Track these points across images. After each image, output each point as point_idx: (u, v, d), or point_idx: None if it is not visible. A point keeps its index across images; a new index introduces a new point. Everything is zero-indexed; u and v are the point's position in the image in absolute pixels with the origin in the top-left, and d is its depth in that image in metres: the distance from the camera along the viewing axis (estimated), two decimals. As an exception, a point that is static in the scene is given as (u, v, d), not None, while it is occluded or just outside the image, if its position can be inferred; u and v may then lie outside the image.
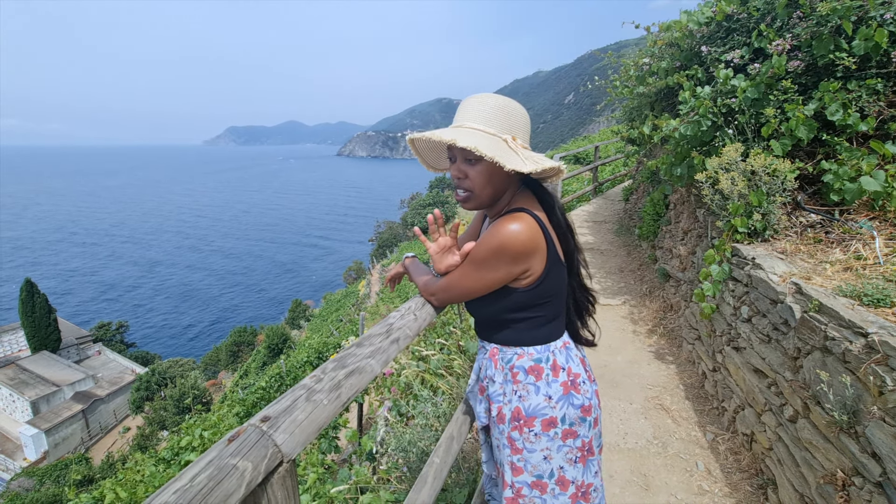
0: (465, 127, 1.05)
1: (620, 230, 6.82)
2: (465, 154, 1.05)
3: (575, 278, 1.22)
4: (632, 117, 5.61)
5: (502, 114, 1.05)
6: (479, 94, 1.09)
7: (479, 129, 1.04)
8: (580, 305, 1.26)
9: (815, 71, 2.81)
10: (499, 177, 1.08)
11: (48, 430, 25.19)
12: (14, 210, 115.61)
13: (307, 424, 0.74)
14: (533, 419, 1.11)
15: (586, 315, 1.28)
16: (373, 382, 4.65)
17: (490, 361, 1.20)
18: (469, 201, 1.11)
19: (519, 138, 1.07)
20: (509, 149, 1.03)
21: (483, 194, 1.09)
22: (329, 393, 0.82)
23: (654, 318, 4.03)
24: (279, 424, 0.71)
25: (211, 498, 0.56)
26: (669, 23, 3.88)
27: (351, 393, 0.87)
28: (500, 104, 1.06)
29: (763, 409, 2.21)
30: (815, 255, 2.34)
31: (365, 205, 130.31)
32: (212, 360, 32.91)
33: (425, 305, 1.25)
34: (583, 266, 1.24)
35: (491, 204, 1.13)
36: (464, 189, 1.09)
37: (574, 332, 1.26)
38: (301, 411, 0.75)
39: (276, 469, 0.67)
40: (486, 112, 1.05)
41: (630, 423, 2.71)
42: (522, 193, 1.15)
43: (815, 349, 1.78)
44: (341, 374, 0.87)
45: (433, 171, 1.30)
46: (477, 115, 1.05)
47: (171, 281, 59.97)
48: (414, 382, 3.45)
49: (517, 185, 1.16)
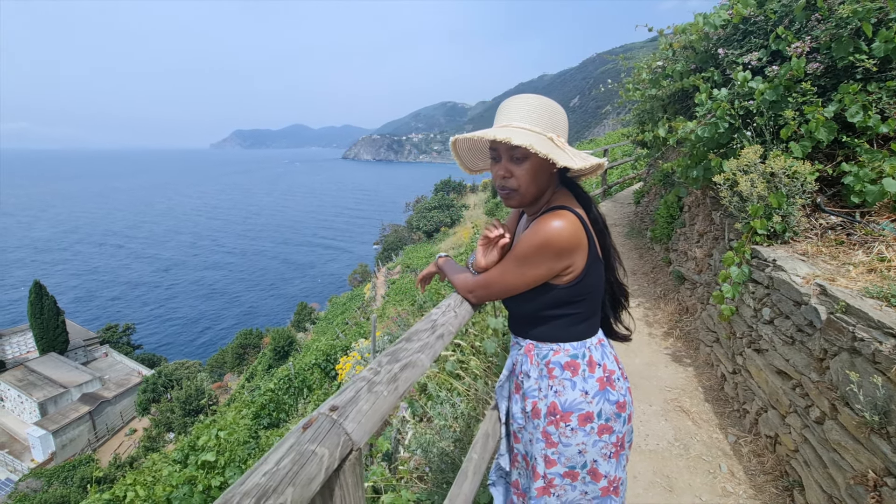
0: (512, 126, 1.07)
1: (631, 233, 6.82)
2: (512, 153, 1.07)
3: (612, 273, 1.24)
4: (643, 120, 5.62)
5: (546, 113, 1.08)
6: (521, 95, 1.11)
7: (526, 127, 1.06)
8: (616, 300, 1.28)
9: (834, 73, 2.82)
10: (543, 175, 1.11)
11: (55, 431, 25.36)
12: (27, 212, 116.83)
13: (371, 414, 0.76)
14: (569, 414, 1.13)
15: (621, 309, 1.30)
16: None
17: (525, 357, 1.21)
18: (513, 199, 1.13)
19: (562, 136, 1.10)
20: (556, 146, 1.06)
21: (528, 192, 1.11)
22: (388, 385, 0.84)
23: (670, 320, 4.03)
24: (347, 413, 0.73)
25: (297, 480, 0.58)
26: (684, 25, 3.89)
27: (406, 386, 0.88)
28: (545, 103, 1.09)
29: (788, 410, 2.20)
30: (838, 257, 2.34)
31: (370, 208, 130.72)
32: (217, 363, 33.03)
33: (463, 303, 1.26)
34: (618, 262, 1.25)
35: (533, 202, 1.16)
36: (508, 188, 1.11)
37: (608, 328, 1.28)
38: (365, 401, 0.77)
39: (348, 456, 0.69)
40: (532, 111, 1.07)
41: (651, 425, 2.71)
42: (561, 192, 1.17)
43: (843, 350, 1.78)
44: (396, 367, 0.89)
45: (469, 173, 1.32)
46: (523, 115, 1.07)
47: (179, 283, 60.35)
48: (430, 383, 3.46)
49: (556, 183, 1.18)
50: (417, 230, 33.64)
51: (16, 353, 32.50)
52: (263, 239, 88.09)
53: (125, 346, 38.01)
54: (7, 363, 30.37)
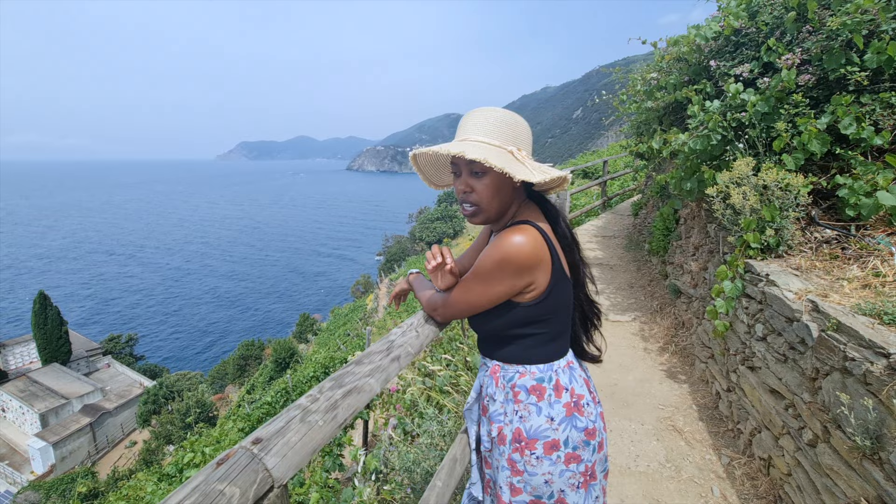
0: (470, 140, 1.04)
1: (630, 245, 6.75)
2: (471, 167, 1.04)
3: (581, 291, 1.19)
4: (640, 132, 5.59)
5: (506, 126, 1.05)
6: (482, 108, 1.08)
7: (484, 141, 1.03)
8: (586, 318, 1.23)
9: (826, 85, 2.78)
10: (505, 189, 1.07)
11: (56, 443, 25.24)
12: (41, 222, 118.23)
13: (301, 447, 0.71)
14: (535, 441, 1.07)
15: (592, 329, 1.25)
16: (378, 398, 4.59)
17: (491, 379, 1.16)
18: (477, 215, 1.09)
19: (523, 150, 1.06)
20: (516, 160, 1.02)
21: (490, 207, 1.07)
22: (325, 413, 0.79)
23: (666, 335, 3.95)
24: (271, 447, 0.68)
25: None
26: (677, 38, 3.88)
27: (348, 413, 0.83)
28: (504, 117, 1.06)
29: (781, 432, 2.12)
30: (832, 271, 2.27)
31: (374, 218, 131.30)
32: (219, 374, 32.93)
33: (428, 321, 1.22)
34: (588, 279, 1.21)
35: (498, 217, 1.12)
36: (470, 203, 1.08)
37: (579, 348, 1.22)
38: (295, 433, 0.72)
39: (266, 495, 0.64)
40: (491, 125, 1.04)
41: (642, 445, 2.62)
42: (527, 206, 1.13)
43: (835, 370, 1.71)
44: (338, 394, 0.84)
45: (434, 188, 1.28)
46: (482, 128, 1.04)
47: (186, 293, 60.53)
48: (419, 400, 3.39)
49: (522, 197, 1.15)
50: (420, 241, 33.65)
51: (18, 364, 32.54)
52: (269, 249, 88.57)
53: (128, 356, 38.01)
54: (9, 374, 30.40)
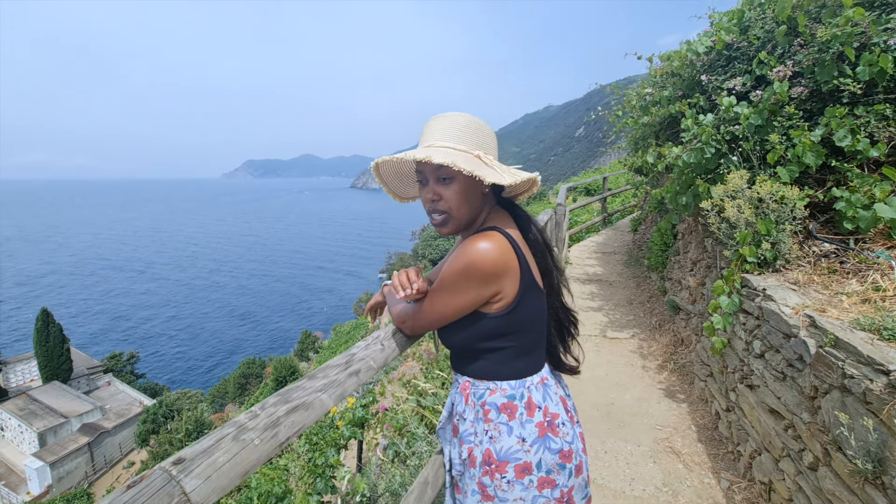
0: (434, 146, 1.00)
1: (630, 261, 6.68)
2: (438, 173, 1.00)
3: (556, 299, 1.13)
4: (637, 147, 5.59)
5: (470, 130, 1.01)
6: (445, 113, 1.04)
7: (450, 146, 1.00)
8: (563, 328, 1.17)
9: (819, 97, 2.75)
10: (474, 194, 1.03)
11: (53, 462, 24.92)
12: (46, 240, 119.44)
13: (229, 468, 0.65)
14: (505, 464, 0.99)
15: (569, 338, 1.18)
16: (374, 417, 4.47)
17: (461, 396, 1.10)
18: (446, 224, 1.04)
19: (490, 154, 1.02)
20: (484, 164, 0.99)
21: (460, 215, 1.03)
22: (263, 431, 0.73)
23: (665, 352, 3.85)
24: (193, 468, 0.62)
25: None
26: (669, 53, 3.89)
27: (291, 432, 0.77)
28: (469, 121, 1.03)
29: (781, 454, 2.02)
30: (830, 286, 2.20)
31: (378, 235, 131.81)
32: (220, 392, 32.63)
33: (396, 334, 1.16)
34: (563, 286, 1.15)
35: (468, 225, 1.07)
36: (439, 212, 1.03)
37: (556, 360, 1.16)
38: (224, 452, 0.66)
39: (179, 523, 0.58)
40: (455, 129, 1.01)
41: (637, 468, 2.51)
42: (496, 213, 1.09)
43: (834, 388, 1.63)
44: (282, 411, 0.78)
45: (400, 201, 1.24)
46: (446, 133, 1.01)
47: (192, 310, 60.54)
48: (411, 419, 3.30)
49: (492, 203, 1.10)
50: (423, 258, 33.62)
51: (19, 381, 32.41)
52: (274, 266, 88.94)
53: (128, 374, 37.82)
54: (10, 391, 30.24)
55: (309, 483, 4.54)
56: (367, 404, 3.24)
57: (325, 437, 4.00)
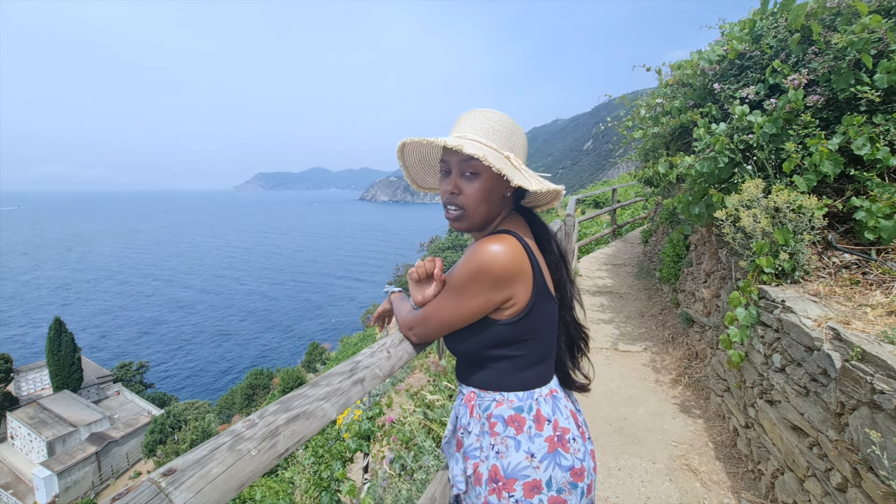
0: (466, 138, 0.97)
1: (640, 273, 6.58)
2: (463, 167, 0.96)
3: (567, 312, 1.08)
4: (648, 158, 5.54)
5: (505, 130, 0.98)
6: (481, 108, 1.01)
7: (481, 142, 0.96)
8: (573, 343, 1.11)
9: (836, 105, 2.70)
10: (495, 196, 0.99)
11: (61, 472, 24.94)
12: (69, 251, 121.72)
13: (223, 480, 0.61)
14: (513, 481, 0.94)
15: (579, 354, 1.13)
16: (380, 430, 4.39)
17: (466, 408, 1.05)
18: (461, 220, 1.00)
19: (519, 157, 0.99)
20: (513, 166, 0.95)
21: (476, 213, 0.99)
22: (261, 442, 0.69)
23: (679, 366, 3.74)
24: (184, 480, 0.58)
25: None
26: (680, 62, 3.86)
27: (291, 442, 0.73)
28: (504, 120, 0.99)
29: (806, 473, 1.92)
30: (853, 297, 2.13)
31: (387, 247, 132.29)
32: (227, 403, 32.58)
33: (403, 342, 1.12)
34: (576, 300, 1.10)
35: (482, 227, 1.03)
36: (456, 206, 0.99)
37: (564, 375, 1.10)
38: (218, 464, 0.62)
39: (168, 539, 0.54)
40: (490, 126, 0.97)
41: (653, 486, 2.41)
42: (512, 218, 1.05)
43: (862, 404, 1.55)
44: (281, 419, 0.74)
45: (416, 188, 1.20)
46: (480, 128, 0.97)
47: (196, 322, 60.93)
48: (418, 432, 3.23)
49: (509, 209, 1.06)
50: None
51: (31, 390, 32.69)
52: (286, 277, 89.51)
53: (137, 384, 37.97)
54: (21, 400, 30.49)
55: (314, 497, 4.47)
56: (373, 416, 3.18)
57: (331, 450, 3.93)
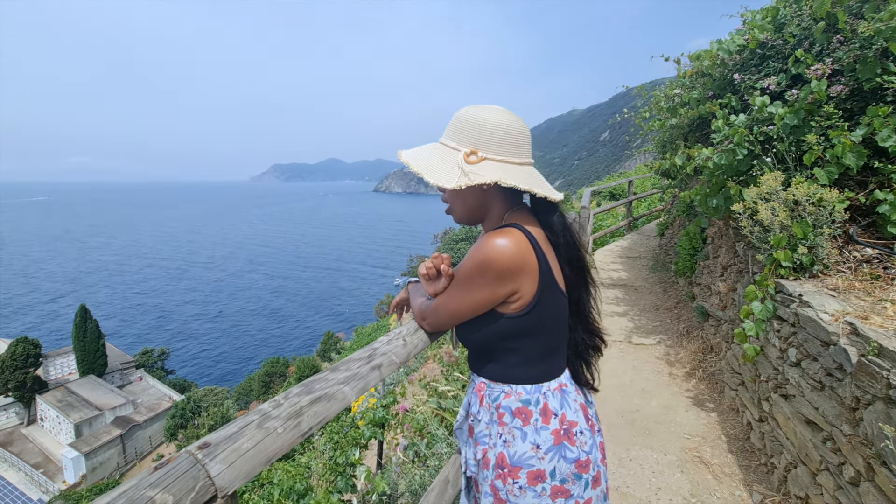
0: (435, 142, 1.04)
1: (656, 266, 6.52)
2: None
3: (582, 307, 1.10)
4: (665, 150, 5.46)
5: (469, 125, 0.98)
6: (470, 106, 1.03)
7: (444, 142, 1.01)
8: (583, 345, 1.12)
9: (861, 95, 2.63)
10: (469, 192, 1.02)
11: (88, 453, 25.95)
12: (97, 238, 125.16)
13: (252, 455, 0.66)
14: (518, 469, 0.97)
15: (590, 352, 1.14)
16: (394, 418, 4.48)
17: (476, 397, 1.08)
18: (452, 216, 1.09)
19: (483, 151, 0.96)
20: (452, 163, 0.96)
21: (459, 210, 1.06)
22: (286, 420, 0.73)
23: (693, 360, 3.73)
24: (218, 453, 0.63)
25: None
26: (699, 52, 3.79)
27: (314, 422, 0.78)
28: (469, 115, 0.99)
29: (819, 467, 1.92)
30: (873, 292, 2.09)
31: (401, 238, 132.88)
32: (245, 390, 33.36)
33: (418, 331, 1.16)
34: (592, 297, 1.11)
35: (472, 220, 1.08)
36: (446, 203, 1.08)
37: (573, 371, 1.12)
38: (248, 439, 0.67)
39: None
40: (454, 124, 1.01)
41: (664, 477, 2.43)
42: (519, 212, 1.06)
43: (877, 399, 1.54)
44: (305, 401, 0.78)
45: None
46: (449, 128, 1.02)
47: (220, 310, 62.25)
48: (431, 421, 3.29)
49: (507, 202, 1.06)
50: (444, 262, 33.70)
51: (58, 374, 33.92)
52: (301, 267, 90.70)
53: (159, 370, 39.09)
54: (49, 384, 31.68)
55: (330, 481, 4.59)
56: (387, 405, 3.25)
57: (347, 437, 4.04)
